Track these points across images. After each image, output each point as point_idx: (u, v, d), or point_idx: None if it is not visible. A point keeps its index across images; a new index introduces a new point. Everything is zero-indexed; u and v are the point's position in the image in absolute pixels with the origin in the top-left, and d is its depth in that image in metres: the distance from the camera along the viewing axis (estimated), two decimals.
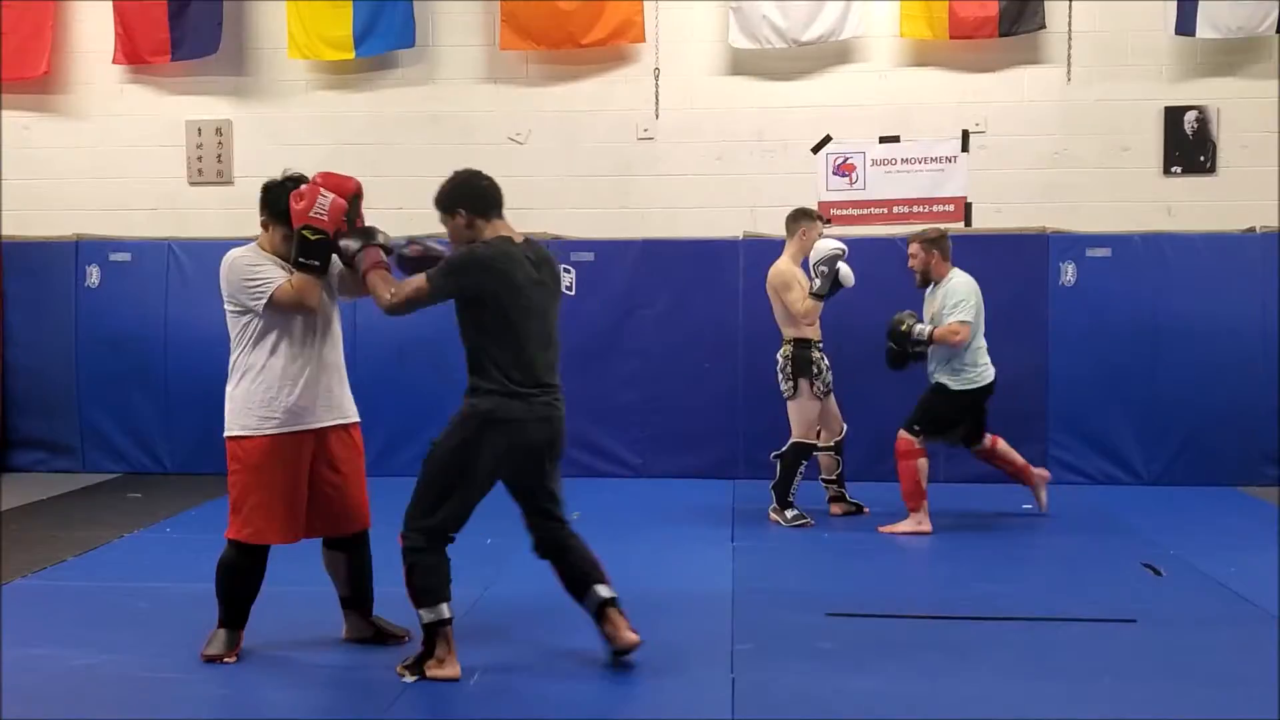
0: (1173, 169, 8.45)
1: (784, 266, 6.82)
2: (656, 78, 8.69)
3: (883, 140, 8.61)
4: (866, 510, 7.06)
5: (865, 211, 8.62)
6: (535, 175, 8.70)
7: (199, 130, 8.99)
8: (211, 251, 5.13)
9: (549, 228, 8.58)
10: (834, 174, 8.66)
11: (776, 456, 6.87)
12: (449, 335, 4.30)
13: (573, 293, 8.42)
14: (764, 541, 6.43)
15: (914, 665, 4.34)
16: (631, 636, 4.24)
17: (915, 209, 8.59)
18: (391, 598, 4.38)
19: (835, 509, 7.09)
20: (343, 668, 4.36)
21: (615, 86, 8.76)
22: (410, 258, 4.34)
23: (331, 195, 4.19)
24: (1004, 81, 8.54)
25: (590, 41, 8.55)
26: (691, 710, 3.95)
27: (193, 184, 8.95)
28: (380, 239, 4.31)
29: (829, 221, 6.95)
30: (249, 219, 8.91)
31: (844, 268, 6.62)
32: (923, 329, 6.68)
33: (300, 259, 4.19)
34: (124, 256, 8.79)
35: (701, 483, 8.17)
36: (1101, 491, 7.94)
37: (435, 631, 4.07)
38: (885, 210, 8.60)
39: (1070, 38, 8.43)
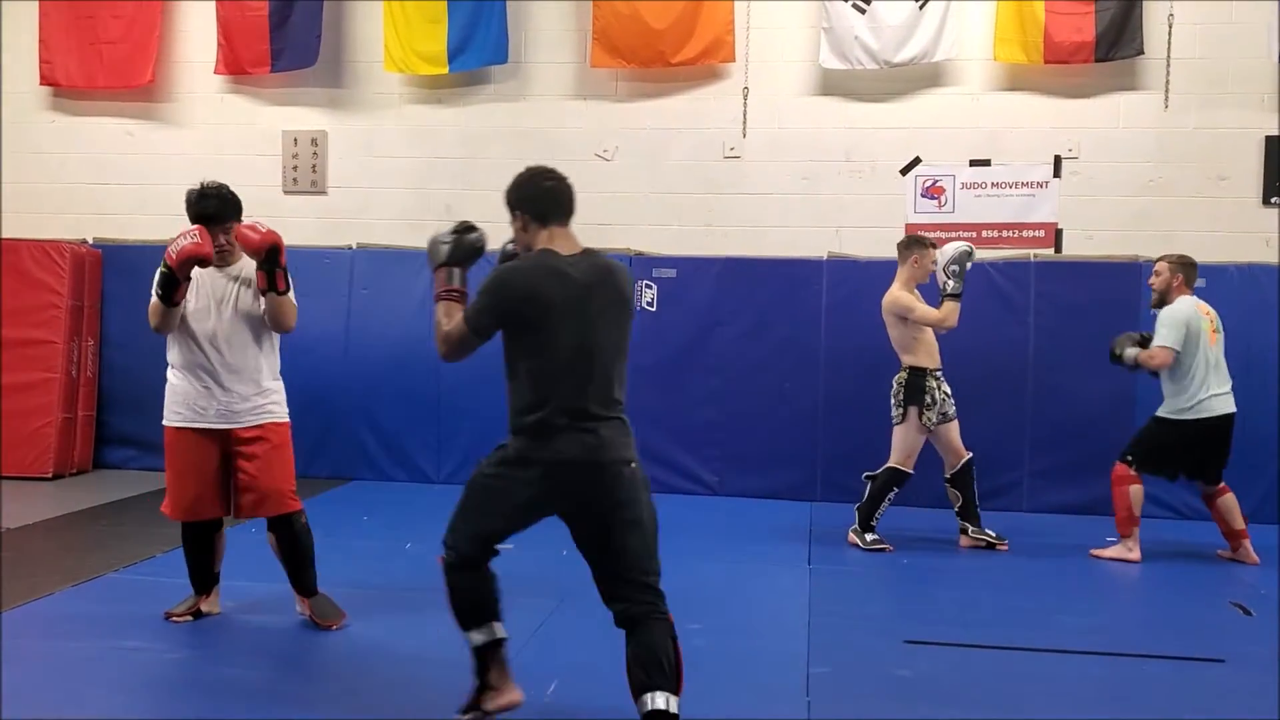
0: (1273, 199, 8.24)
1: (897, 293, 6.80)
2: (745, 97, 8.70)
3: (973, 164, 8.53)
4: (1004, 544, 6.86)
5: (954, 235, 8.48)
6: (621, 191, 8.77)
7: (295, 140, 9.20)
8: (305, 260, 5.26)
9: (632, 243, 8.63)
10: (922, 196, 8.59)
11: (869, 477, 6.82)
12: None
13: (654, 309, 8.47)
14: (842, 565, 6.37)
15: (992, 697, 4.27)
16: None
17: (1005, 234, 8.49)
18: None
19: (963, 541, 6.96)
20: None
21: (703, 104, 8.79)
22: None
23: (192, 239, 4.47)
24: (1099, 107, 8.41)
25: (681, 61, 8.59)
26: None
27: (288, 193, 9.16)
28: (450, 257, 3.83)
29: (936, 246, 6.91)
30: (342, 228, 9.25)
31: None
32: (1132, 353, 6.64)
33: (156, 289, 4.59)
34: None
35: (778, 503, 8.12)
36: (1190, 527, 7.74)
37: (483, 656, 3.75)
38: (974, 234, 8.49)
39: (1169, 64, 8.28)
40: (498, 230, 3.90)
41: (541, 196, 3.72)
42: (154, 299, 4.63)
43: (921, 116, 8.57)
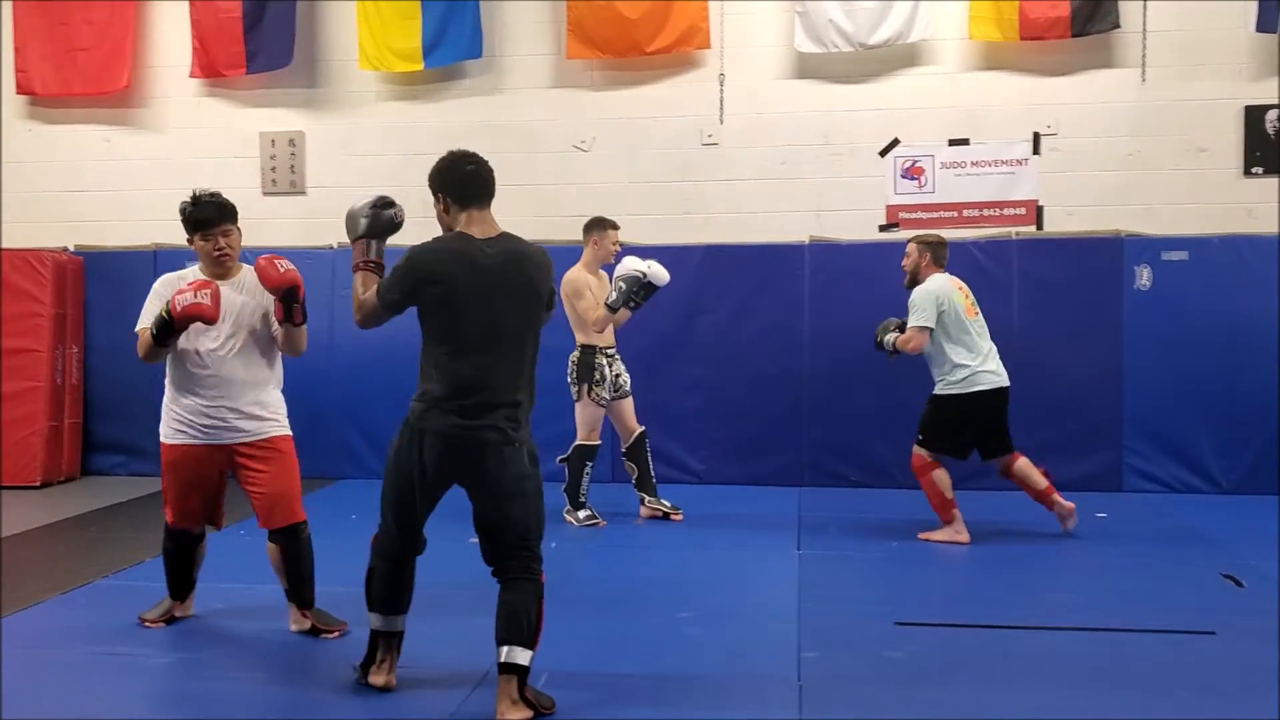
0: (1253, 170, 8.26)
1: (573, 274, 6.93)
2: (721, 83, 8.69)
3: (952, 143, 8.52)
4: (677, 515, 7.11)
5: (935, 215, 8.53)
6: (600, 182, 8.76)
7: (272, 141, 9.16)
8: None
9: None
10: (902, 177, 8.58)
11: (563, 460, 6.97)
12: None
13: None
14: (830, 550, 6.38)
15: (984, 675, 4.28)
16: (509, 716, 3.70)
17: (985, 212, 8.49)
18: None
19: (642, 511, 7.17)
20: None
21: (679, 92, 8.77)
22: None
23: (202, 297, 4.42)
24: (1076, 83, 8.41)
25: (656, 49, 8.57)
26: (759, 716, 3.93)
27: (266, 194, 9.13)
28: (368, 230, 4.01)
29: (616, 228, 7.03)
30: (321, 228, 9.21)
31: (653, 274, 6.68)
32: (890, 339, 6.63)
33: (151, 328, 4.56)
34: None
35: (765, 490, 8.14)
36: (1179, 500, 7.77)
37: (374, 638, 4.06)
38: (955, 214, 8.51)
39: (1145, 37, 8.29)
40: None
41: (461, 180, 3.90)
42: (146, 335, 4.57)
43: (899, 97, 8.56)
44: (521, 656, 3.71)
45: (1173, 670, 4.33)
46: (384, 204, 4.08)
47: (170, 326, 4.50)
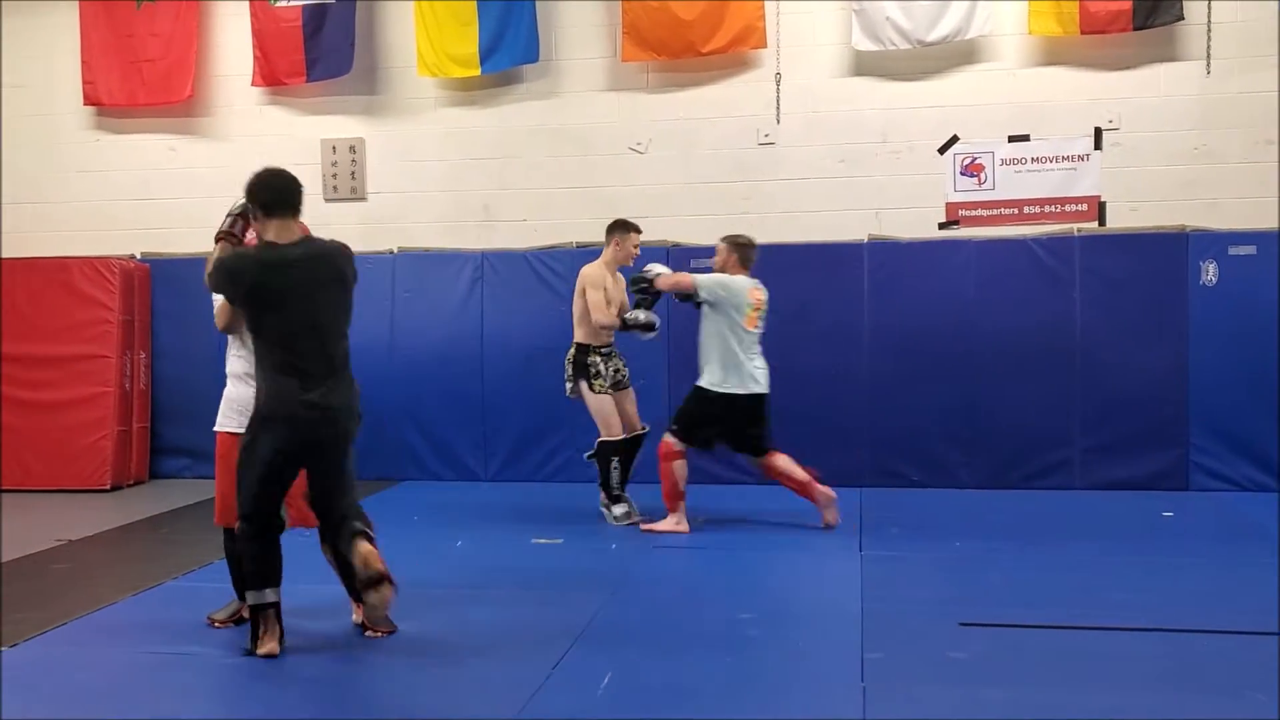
0: None
1: (594, 269, 6.97)
2: (778, 82, 8.67)
3: (1012, 139, 8.44)
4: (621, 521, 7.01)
5: (995, 212, 8.45)
6: (656, 183, 8.78)
7: (333, 148, 9.29)
8: None
9: (669, 235, 8.63)
10: (962, 174, 8.51)
11: (590, 457, 7.02)
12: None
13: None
14: (892, 550, 6.34)
15: (1049, 676, 4.23)
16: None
17: (1047, 208, 8.40)
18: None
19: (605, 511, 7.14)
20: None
21: (735, 92, 8.76)
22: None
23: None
24: (1139, 77, 8.29)
25: (711, 49, 8.58)
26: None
27: (328, 200, 9.25)
28: (229, 222, 4.57)
29: (639, 231, 7.14)
30: (381, 233, 9.33)
31: (643, 316, 6.86)
32: (656, 271, 6.86)
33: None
34: None
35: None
36: (1246, 498, 7.63)
37: (256, 613, 4.44)
38: (1015, 210, 8.42)
39: (1210, 29, 8.14)
40: (532, 228, 3.96)
41: (268, 191, 4.36)
42: (221, 300, 4.58)
43: (958, 94, 8.49)
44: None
45: (1243, 671, 4.25)
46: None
47: None
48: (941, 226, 8.50)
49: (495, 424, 8.72)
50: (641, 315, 6.87)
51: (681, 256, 8.47)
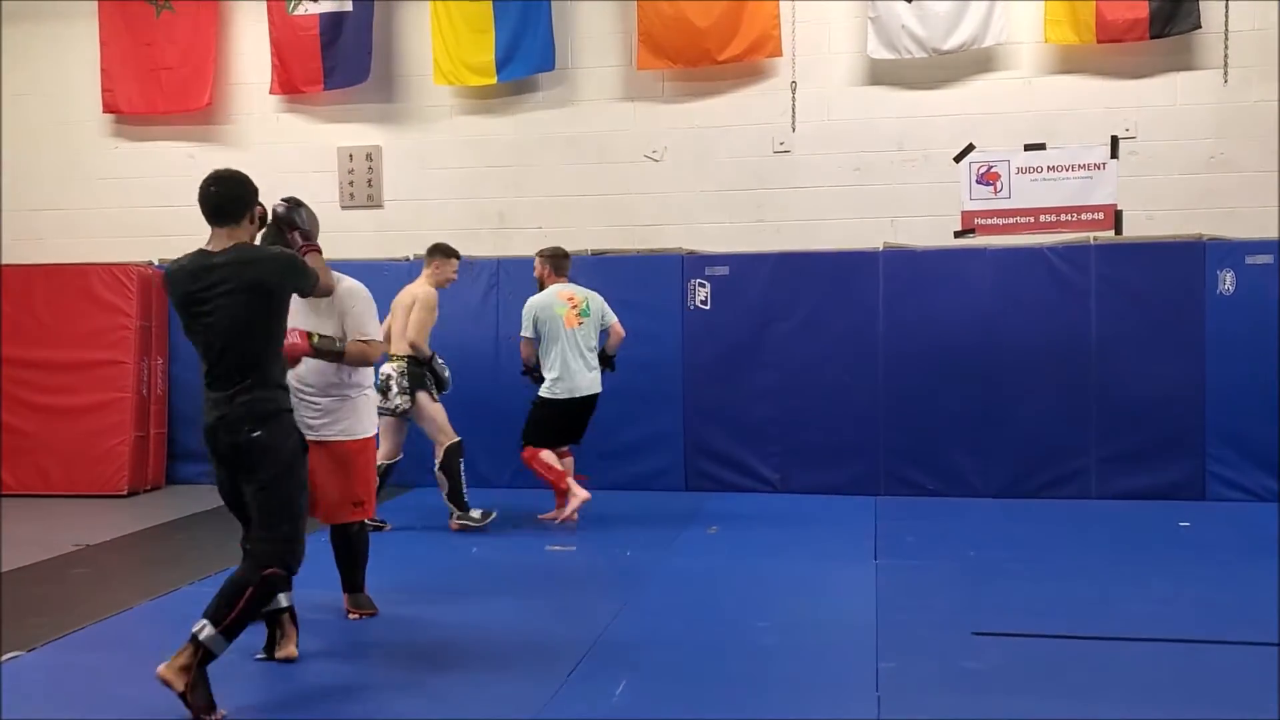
0: None
1: (426, 289, 7.10)
2: (793, 90, 8.68)
3: (1028, 148, 8.42)
4: (387, 526, 7.18)
5: (1011, 221, 8.44)
6: (671, 191, 8.80)
7: (350, 156, 9.34)
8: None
9: (684, 243, 8.66)
10: (977, 183, 8.50)
11: (442, 469, 7.09)
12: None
13: (708, 307, 8.48)
14: (908, 559, 6.33)
15: (1063, 686, 4.23)
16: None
17: (1063, 217, 8.38)
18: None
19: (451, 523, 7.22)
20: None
21: (751, 101, 8.78)
22: None
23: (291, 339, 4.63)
24: (1155, 85, 8.27)
25: (727, 58, 8.59)
26: None
27: (345, 208, 9.29)
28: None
29: (459, 257, 7.36)
30: (399, 240, 9.36)
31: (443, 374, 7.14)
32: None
33: None
34: None
35: (841, 499, 8.09)
36: (1264, 509, 7.59)
37: (270, 618, 4.52)
38: (1031, 219, 8.41)
39: (1227, 37, 8.12)
40: (547, 235, 3.96)
41: (203, 201, 4.31)
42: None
43: (973, 103, 8.48)
44: (204, 630, 4.01)
45: (1259, 683, 4.23)
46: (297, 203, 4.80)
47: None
48: (957, 235, 8.49)
49: (508, 430, 8.69)
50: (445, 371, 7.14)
51: (696, 264, 8.50)
